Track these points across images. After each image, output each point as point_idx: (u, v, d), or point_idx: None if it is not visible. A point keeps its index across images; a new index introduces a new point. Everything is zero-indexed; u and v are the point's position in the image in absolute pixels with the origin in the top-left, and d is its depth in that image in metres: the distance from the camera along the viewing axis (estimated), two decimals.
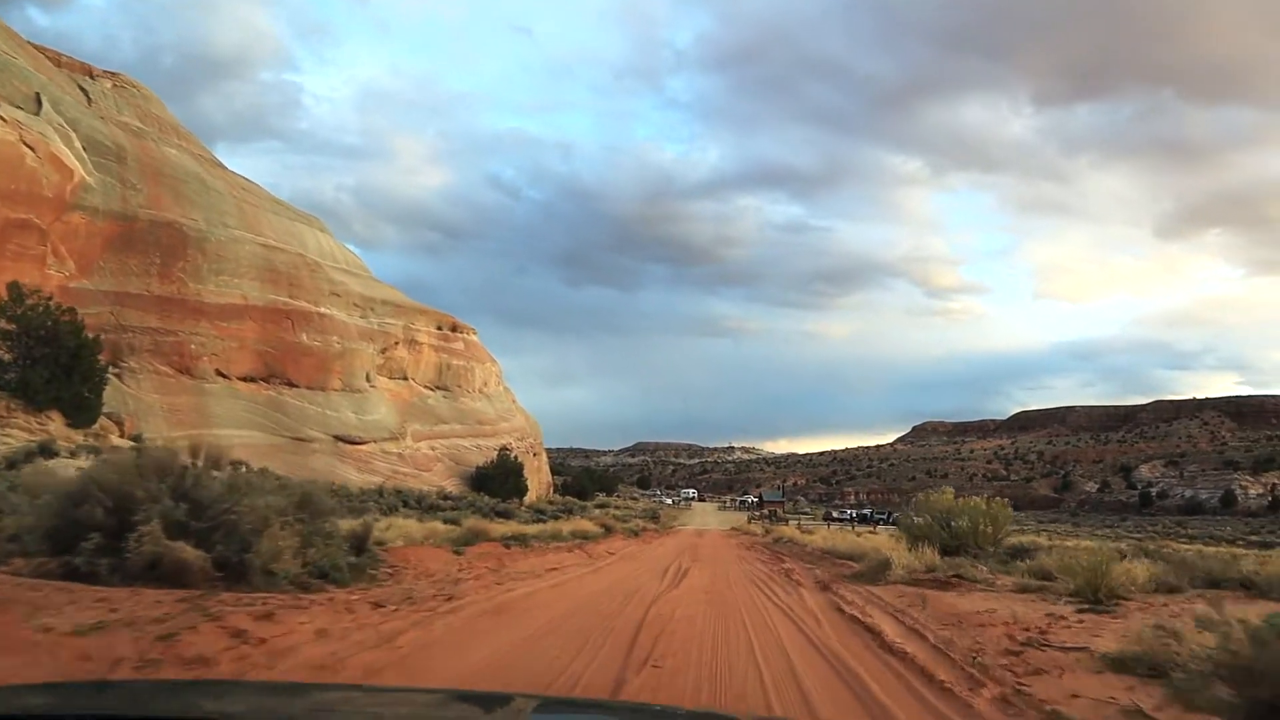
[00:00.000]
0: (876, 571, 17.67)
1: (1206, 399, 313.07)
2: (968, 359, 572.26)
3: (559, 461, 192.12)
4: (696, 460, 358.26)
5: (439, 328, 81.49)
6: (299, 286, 64.07)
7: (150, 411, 49.38)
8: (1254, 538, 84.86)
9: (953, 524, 21.34)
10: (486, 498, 66.15)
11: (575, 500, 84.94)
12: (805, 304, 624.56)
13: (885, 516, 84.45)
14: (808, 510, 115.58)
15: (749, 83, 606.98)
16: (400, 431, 70.79)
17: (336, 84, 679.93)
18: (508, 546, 24.22)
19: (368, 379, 71.49)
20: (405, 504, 53.93)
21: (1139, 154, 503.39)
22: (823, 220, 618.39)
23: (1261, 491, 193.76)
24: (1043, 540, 39.72)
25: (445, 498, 63.85)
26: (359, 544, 13.72)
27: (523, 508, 67.19)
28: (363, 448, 66.29)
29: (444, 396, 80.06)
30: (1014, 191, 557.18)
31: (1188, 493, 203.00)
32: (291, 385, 61.76)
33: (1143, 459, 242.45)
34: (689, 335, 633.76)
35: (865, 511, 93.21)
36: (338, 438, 64.58)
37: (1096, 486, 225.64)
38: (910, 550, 18.84)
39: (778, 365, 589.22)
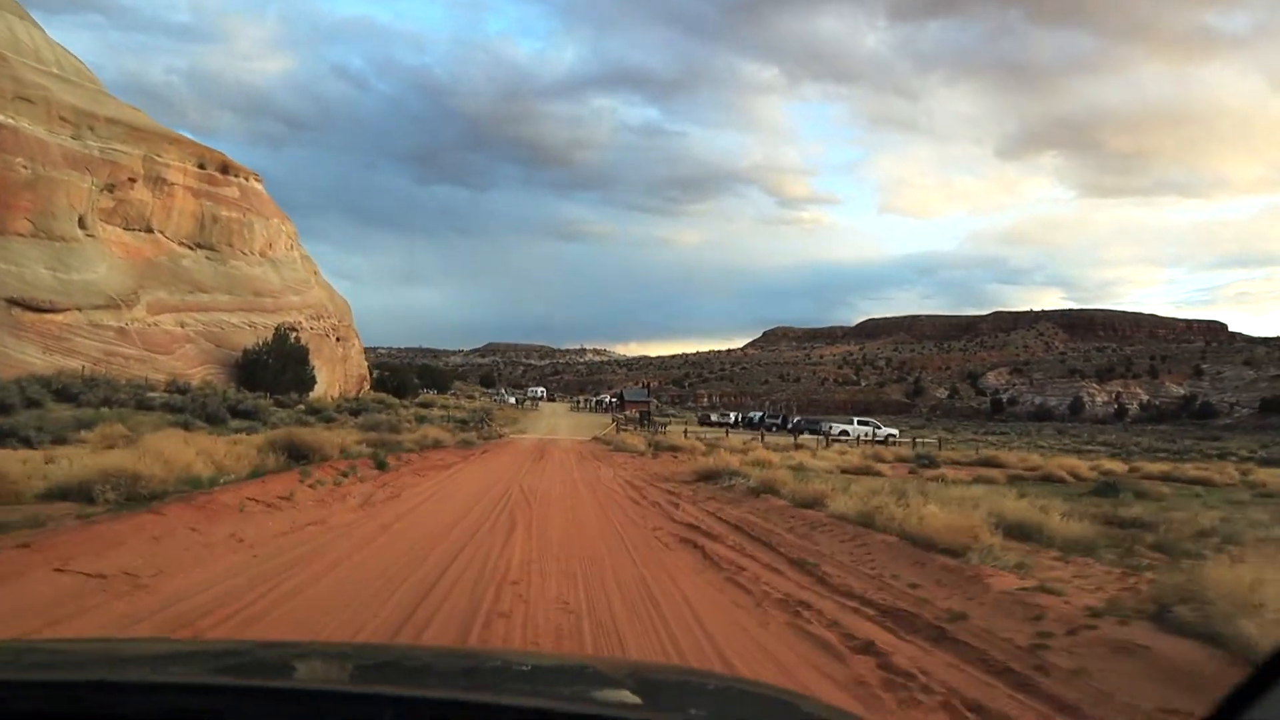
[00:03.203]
0: None
1: (1042, 311, 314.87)
2: (816, 268, 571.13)
3: (405, 361, 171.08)
4: (548, 361, 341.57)
5: (201, 165, 58.45)
6: None
7: None
8: (1172, 447, 72.52)
9: None
10: (245, 393, 45.29)
11: (390, 399, 64.57)
12: (658, 209, 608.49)
13: (781, 421, 67.96)
14: (673, 412, 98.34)
15: None
16: (127, 298, 48.57)
17: None
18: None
19: (81, 224, 48.73)
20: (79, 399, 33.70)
21: (986, 74, 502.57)
22: (677, 125, 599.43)
23: (1107, 399, 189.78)
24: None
25: (180, 390, 42.76)
26: None
27: (299, 406, 46.75)
28: (57, 317, 44.05)
29: (207, 257, 57.60)
30: (866, 105, 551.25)
31: (1037, 399, 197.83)
32: None
33: (988, 367, 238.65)
34: (541, 238, 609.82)
35: (754, 415, 76.13)
36: (13, 301, 42.29)
37: (947, 393, 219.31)
38: None
39: (630, 270, 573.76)
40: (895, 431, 58.40)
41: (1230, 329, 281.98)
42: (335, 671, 2.58)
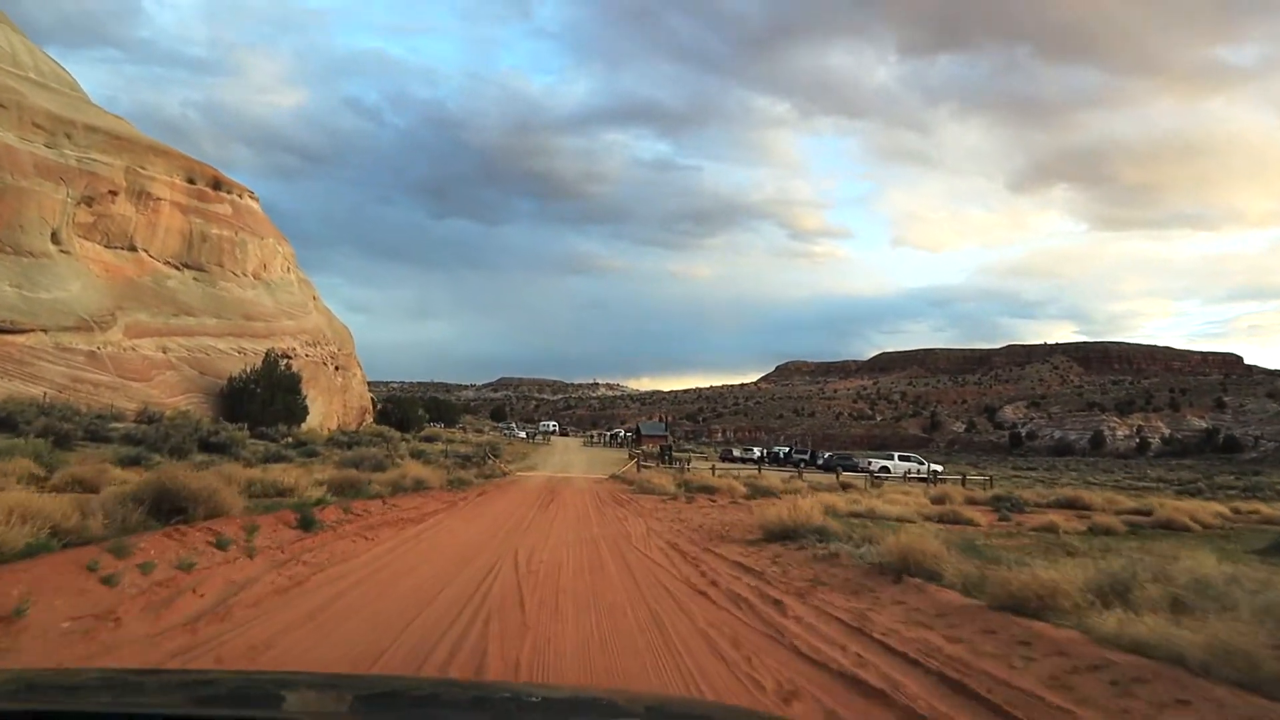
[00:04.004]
0: None
1: (1056, 344, 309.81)
2: (829, 302, 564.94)
3: (416, 395, 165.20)
4: (560, 396, 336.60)
5: (190, 180, 53.95)
6: None
7: None
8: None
9: None
10: (224, 424, 40.48)
11: (392, 432, 59.61)
12: (671, 243, 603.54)
13: (810, 456, 62.55)
14: (690, 447, 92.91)
15: (618, 15, 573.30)
16: (102, 320, 43.90)
17: None
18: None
19: (54, 239, 44.27)
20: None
21: (995, 108, 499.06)
22: (690, 159, 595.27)
23: (1128, 433, 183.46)
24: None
25: (150, 420, 37.92)
26: None
27: (286, 439, 41.99)
28: (18, 339, 39.37)
29: (194, 278, 52.95)
30: (877, 139, 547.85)
31: (1056, 433, 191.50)
32: None
33: (1004, 400, 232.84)
34: (554, 272, 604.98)
35: (780, 450, 70.31)
36: None
37: (964, 426, 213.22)
38: None
39: (643, 304, 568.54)
40: (940, 467, 53.09)
41: (1245, 361, 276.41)
42: (333, 703, 2.42)
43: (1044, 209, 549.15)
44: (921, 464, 51.95)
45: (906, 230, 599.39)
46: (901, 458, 53.89)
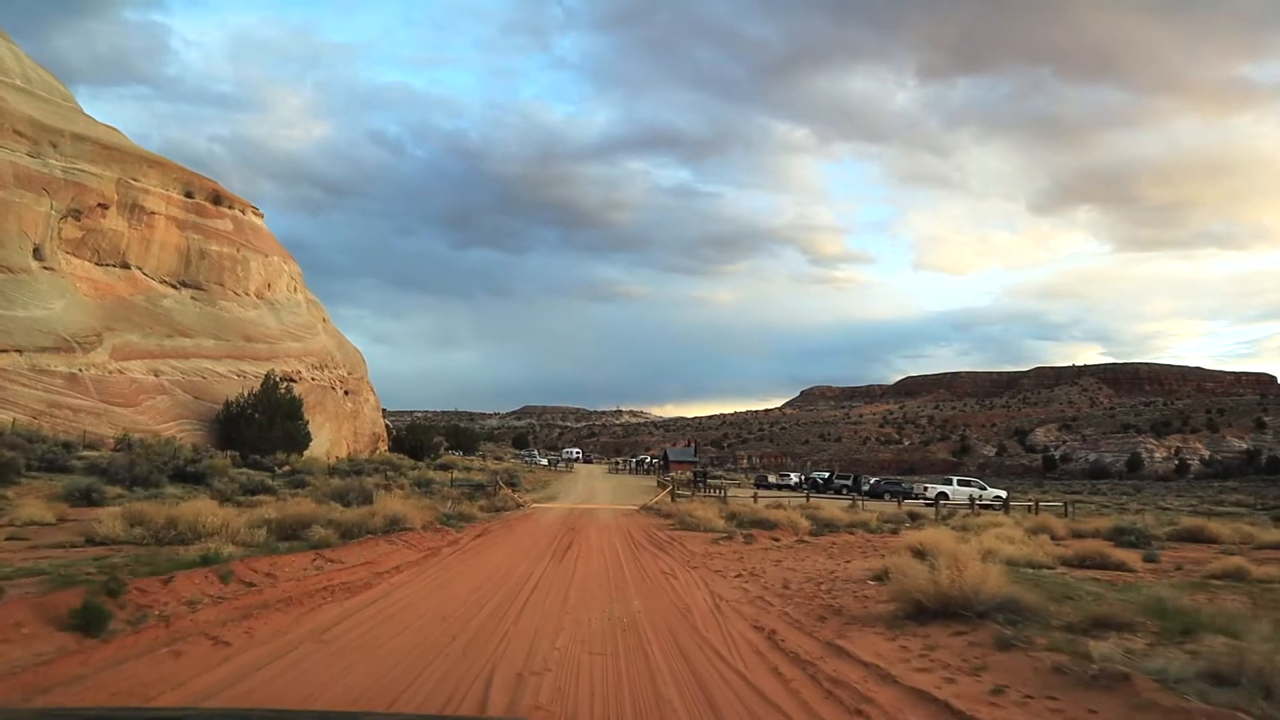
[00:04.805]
0: None
1: (1085, 366, 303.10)
2: (852, 326, 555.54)
3: (441, 424, 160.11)
4: (584, 424, 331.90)
5: (188, 194, 50.10)
6: None
7: None
8: None
9: None
10: (214, 452, 36.37)
11: (405, 460, 55.21)
12: (693, 270, 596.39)
13: (851, 482, 57.30)
14: (720, 473, 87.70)
15: (638, 44, 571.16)
16: (86, 340, 39.88)
17: (207, 29, 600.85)
18: None
19: (37, 254, 40.42)
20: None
21: (1016, 130, 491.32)
22: (711, 186, 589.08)
23: (1167, 455, 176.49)
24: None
25: (123, 447, 33.73)
26: None
27: (282, 469, 37.77)
28: None
29: (192, 297, 48.95)
30: (897, 163, 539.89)
31: (1091, 456, 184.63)
32: None
33: (1035, 423, 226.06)
34: (576, 299, 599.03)
35: (819, 476, 64.53)
36: None
37: (995, 450, 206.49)
38: None
39: (665, 331, 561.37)
40: (1004, 493, 47.90)
41: None
42: None
43: (1068, 230, 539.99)
44: (984, 489, 46.79)
45: (928, 253, 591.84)
46: (961, 482, 48.72)
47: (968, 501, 40.47)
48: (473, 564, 14.33)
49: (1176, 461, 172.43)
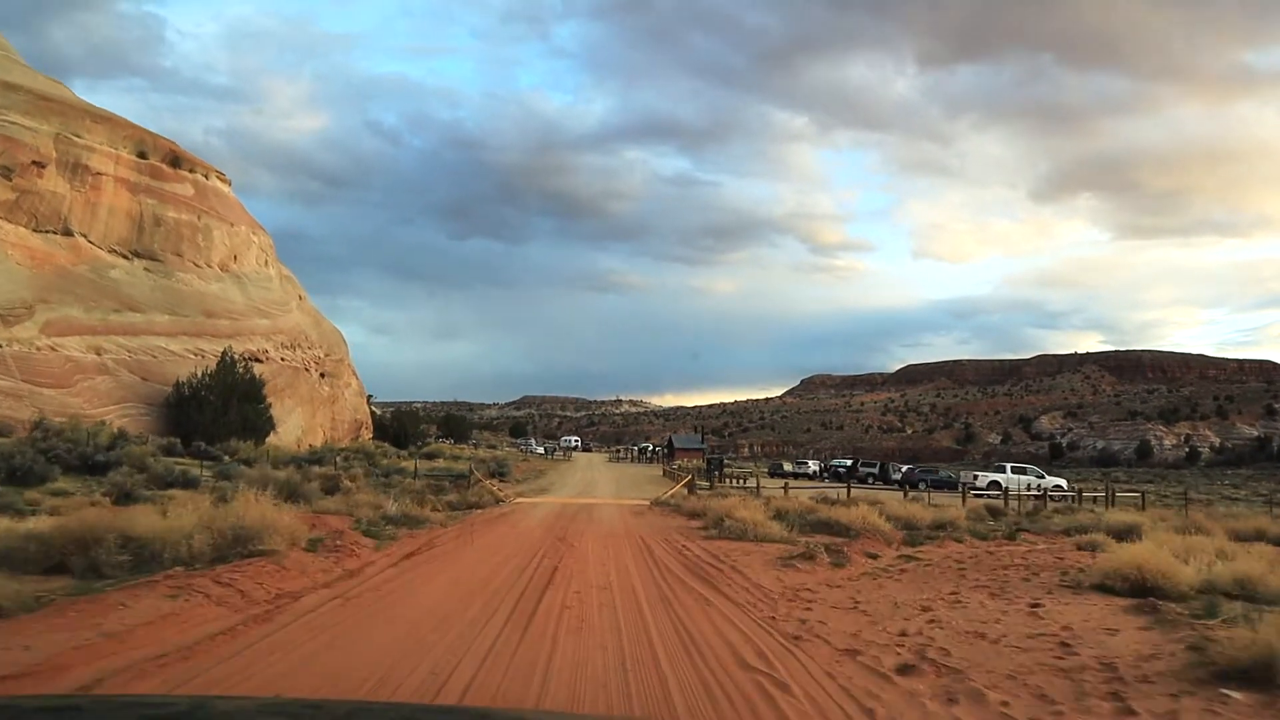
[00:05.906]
0: None
1: (1087, 354, 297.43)
2: (852, 315, 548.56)
3: (441, 414, 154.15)
4: (584, 413, 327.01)
5: (141, 154, 44.60)
6: None
7: None
8: None
9: None
10: (129, 440, 31.02)
11: (388, 448, 49.93)
12: (692, 259, 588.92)
13: (878, 470, 51.97)
14: (727, 461, 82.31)
15: (637, 32, 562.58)
16: (12, 314, 34.53)
17: (203, 20, 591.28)
18: None
19: None
20: None
21: (1017, 117, 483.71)
22: (710, 175, 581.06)
23: (1176, 442, 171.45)
24: None
25: (45, 432, 28.41)
26: None
27: (233, 458, 32.41)
28: None
29: (145, 269, 43.48)
30: (897, 150, 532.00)
31: (1099, 443, 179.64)
32: None
33: (1039, 411, 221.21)
34: (575, 289, 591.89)
35: (840, 464, 58.52)
36: None
37: (999, 438, 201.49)
38: None
39: (665, 320, 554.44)
40: (1062, 482, 42.33)
41: None
42: None
43: (1069, 218, 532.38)
44: (1041, 477, 41.18)
45: (928, 241, 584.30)
46: (1015, 469, 42.89)
47: (1032, 493, 34.73)
48: (342, 646, 6.96)
49: (1187, 449, 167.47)
